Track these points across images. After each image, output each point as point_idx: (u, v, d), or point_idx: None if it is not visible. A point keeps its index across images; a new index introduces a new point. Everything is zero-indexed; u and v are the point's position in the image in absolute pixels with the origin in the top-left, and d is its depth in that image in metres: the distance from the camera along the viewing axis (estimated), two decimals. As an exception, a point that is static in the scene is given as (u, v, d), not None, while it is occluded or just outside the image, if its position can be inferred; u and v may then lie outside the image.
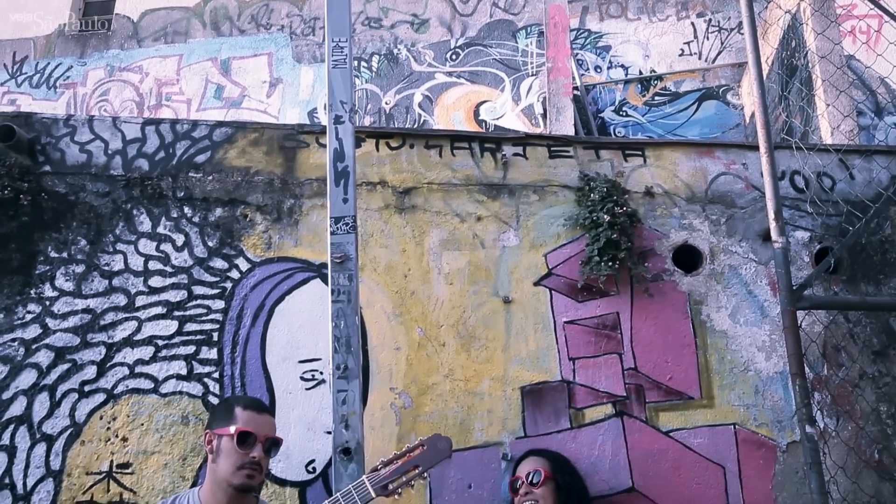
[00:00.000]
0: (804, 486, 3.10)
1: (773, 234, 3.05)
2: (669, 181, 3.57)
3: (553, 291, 3.33)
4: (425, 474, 2.21)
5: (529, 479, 2.76)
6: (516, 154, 3.53)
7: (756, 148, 3.30)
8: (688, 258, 3.48)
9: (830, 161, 3.64)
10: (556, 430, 3.14)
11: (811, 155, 3.59)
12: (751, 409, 3.25)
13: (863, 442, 3.24)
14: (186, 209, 3.29)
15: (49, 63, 8.21)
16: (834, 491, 3.07)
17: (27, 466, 2.89)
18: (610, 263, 3.24)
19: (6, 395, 2.96)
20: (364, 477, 2.18)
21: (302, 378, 3.10)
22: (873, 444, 3.24)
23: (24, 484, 2.87)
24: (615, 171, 3.55)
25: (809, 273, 3.32)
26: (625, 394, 3.21)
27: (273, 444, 2.42)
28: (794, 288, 3.02)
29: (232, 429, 2.34)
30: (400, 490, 2.17)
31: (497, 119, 7.36)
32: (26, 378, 2.99)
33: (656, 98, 7.31)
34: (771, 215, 3.06)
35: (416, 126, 7.34)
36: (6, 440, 2.91)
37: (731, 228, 3.52)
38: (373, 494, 2.15)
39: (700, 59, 7.38)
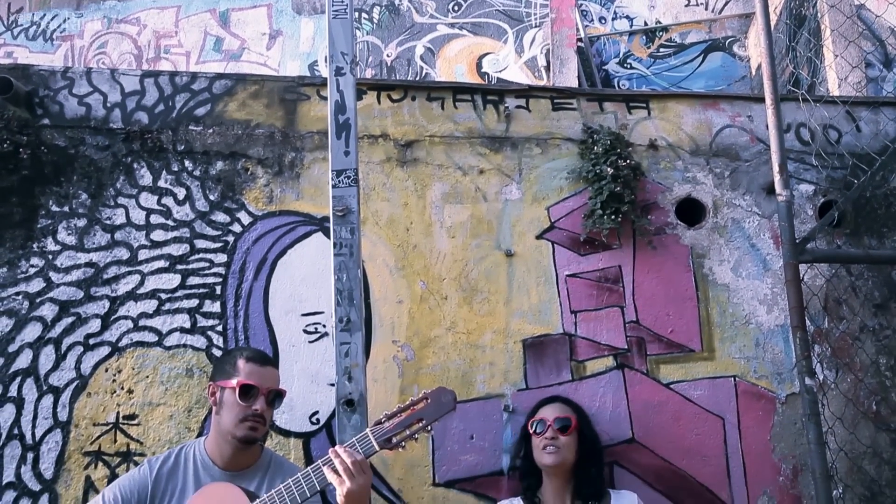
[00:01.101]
0: (802, 436, 3.14)
1: (778, 188, 3.04)
2: (674, 134, 3.53)
3: (555, 245, 3.32)
4: (429, 428, 2.17)
5: (558, 424, 2.73)
6: (519, 106, 3.50)
7: (762, 100, 3.26)
8: (691, 211, 3.47)
9: (837, 113, 3.59)
10: (557, 383, 3.17)
11: (818, 107, 3.55)
12: (751, 362, 3.27)
13: (861, 394, 3.27)
14: (187, 163, 3.27)
15: (45, 15, 8.09)
16: (831, 441, 3.10)
17: (35, 417, 2.93)
18: (613, 217, 3.23)
19: (12, 348, 2.98)
20: (367, 430, 2.15)
21: (305, 331, 3.12)
22: (872, 395, 3.27)
23: (33, 434, 2.92)
24: (619, 124, 3.52)
25: (813, 226, 3.31)
26: (626, 346, 3.23)
27: (276, 396, 2.44)
28: (797, 241, 3.01)
29: (234, 381, 2.36)
30: (404, 443, 2.14)
31: (500, 72, 7.27)
32: (31, 331, 3.01)
33: (661, 50, 7.20)
34: (775, 168, 3.04)
35: (417, 78, 7.26)
36: (14, 392, 2.94)
37: (735, 181, 3.50)
38: (376, 448, 2.13)
39: (706, 9, 7.25)
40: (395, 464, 2.99)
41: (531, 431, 2.78)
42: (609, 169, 3.28)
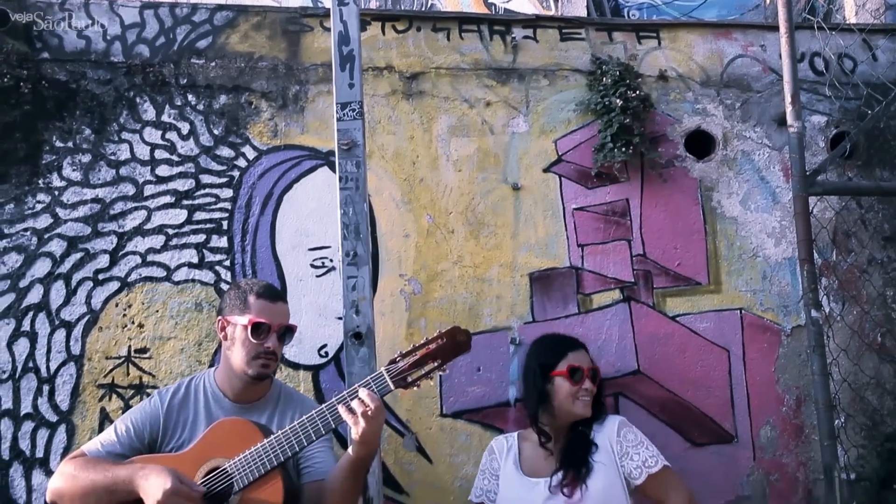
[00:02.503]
0: (806, 368, 3.17)
1: (789, 119, 2.99)
2: (684, 64, 3.46)
3: (562, 178, 3.30)
4: (444, 368, 2.13)
5: (592, 375, 2.65)
6: (526, 37, 3.42)
7: (776, 28, 3.18)
8: (700, 144, 3.42)
9: (853, 41, 3.50)
10: (563, 316, 3.19)
11: (833, 35, 3.46)
12: (757, 295, 3.28)
13: (867, 326, 3.29)
14: (190, 97, 3.23)
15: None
16: (835, 372, 3.13)
17: (49, 351, 2.98)
18: (623, 149, 3.19)
19: (23, 284, 3.01)
20: (382, 369, 2.13)
21: (312, 265, 3.13)
22: (877, 327, 3.29)
23: (48, 367, 2.97)
24: (628, 55, 3.45)
25: (824, 158, 3.27)
26: (633, 280, 3.24)
27: (287, 331, 2.44)
28: (808, 173, 2.98)
29: (245, 319, 2.35)
30: (419, 382, 2.12)
31: (507, 2, 7.10)
32: (41, 267, 3.03)
33: (673, -22, 7.00)
34: (787, 99, 2.99)
35: (423, 9, 7.10)
36: (27, 326, 2.98)
37: (746, 113, 3.44)
38: (391, 387, 2.11)
39: (721, -66, 7.02)
40: (404, 396, 3.03)
41: (566, 376, 2.61)
42: (618, 101, 3.22)
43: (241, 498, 2.13)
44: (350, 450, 2.15)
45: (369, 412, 2.06)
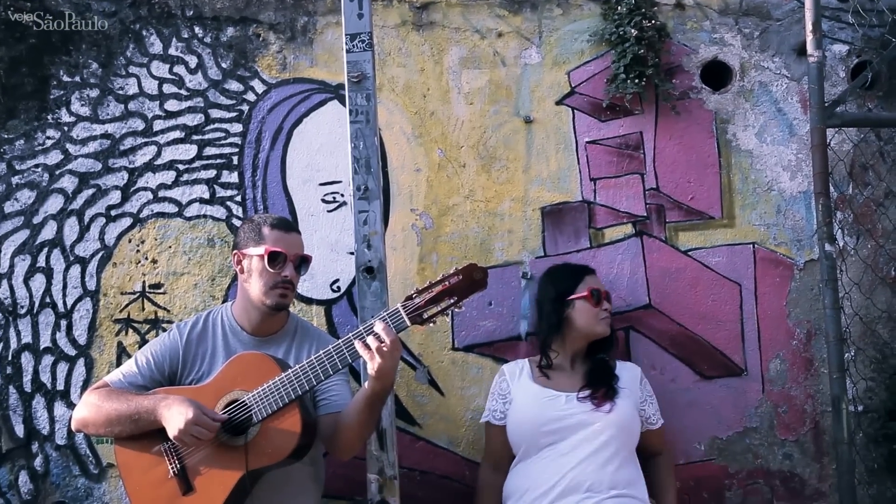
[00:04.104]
0: (818, 302, 3.17)
1: (810, 48, 2.92)
2: (702, -9, 3.36)
3: (575, 110, 3.24)
4: (461, 304, 2.12)
5: (607, 297, 2.85)
6: (540, -36, 3.32)
7: (798, -48, 3.07)
8: (716, 75, 3.35)
9: (879, -35, 3.38)
10: (575, 250, 3.18)
11: (858, -42, 3.33)
12: (771, 229, 3.25)
13: (881, 260, 3.26)
14: (197, 29, 3.17)
15: None
16: (847, 306, 3.13)
17: (65, 287, 3.01)
18: (637, 81, 3.13)
19: (36, 220, 3.02)
20: (398, 305, 2.13)
21: (323, 200, 3.13)
22: (891, 261, 3.27)
23: (65, 303, 3.01)
24: (645, -18, 3.34)
25: (844, 89, 3.20)
26: (645, 214, 3.22)
27: (303, 262, 2.47)
28: (826, 105, 2.92)
29: (261, 249, 2.37)
30: (435, 319, 2.12)
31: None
32: (54, 203, 3.04)
33: None
34: (808, 27, 2.91)
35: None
36: (42, 262, 3.01)
37: (765, 42, 3.35)
38: (408, 323, 2.12)
39: None
40: (416, 330, 3.05)
41: (588, 298, 2.78)
42: (633, 30, 3.14)
43: (260, 429, 2.18)
44: (366, 384, 2.18)
45: (385, 347, 2.08)
